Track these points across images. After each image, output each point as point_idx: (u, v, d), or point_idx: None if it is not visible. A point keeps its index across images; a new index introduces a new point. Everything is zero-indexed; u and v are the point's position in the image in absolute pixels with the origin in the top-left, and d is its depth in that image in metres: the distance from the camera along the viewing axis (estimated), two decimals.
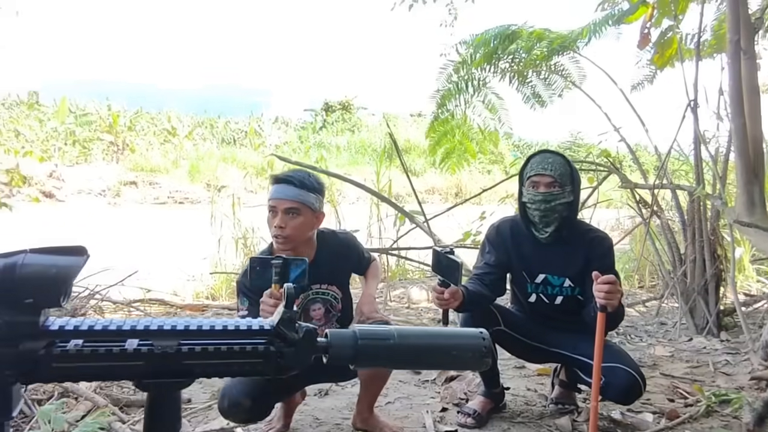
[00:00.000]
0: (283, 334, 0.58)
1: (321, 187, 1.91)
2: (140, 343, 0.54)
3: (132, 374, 0.55)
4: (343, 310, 2.03)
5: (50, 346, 0.51)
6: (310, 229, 1.89)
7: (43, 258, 0.50)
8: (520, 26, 4.46)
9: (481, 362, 0.65)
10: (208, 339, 0.56)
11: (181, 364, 0.55)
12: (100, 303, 3.88)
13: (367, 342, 0.61)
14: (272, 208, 1.84)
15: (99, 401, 2.14)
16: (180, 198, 16.83)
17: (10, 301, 0.49)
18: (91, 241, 2.34)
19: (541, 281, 2.13)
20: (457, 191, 18.41)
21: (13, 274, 0.48)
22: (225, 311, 4.30)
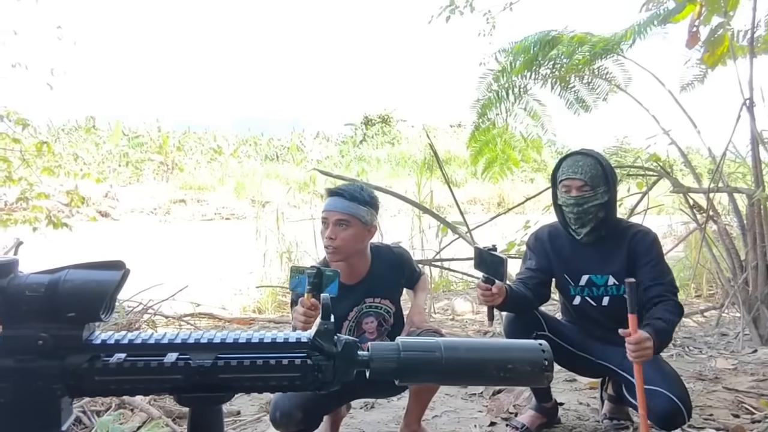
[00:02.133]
0: (320, 346, 0.56)
1: (373, 201, 1.93)
2: (179, 357, 0.54)
3: (171, 388, 0.54)
4: (394, 325, 2.03)
5: (94, 359, 0.52)
6: (360, 242, 1.90)
7: (83, 273, 0.52)
8: (560, 31, 4.38)
9: (541, 377, 0.59)
10: (244, 352, 0.55)
11: (218, 378, 0.54)
12: (153, 317, 4.01)
13: (411, 355, 0.58)
14: (324, 219, 1.89)
15: (153, 413, 2.21)
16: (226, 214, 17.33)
17: (55, 315, 0.50)
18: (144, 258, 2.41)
19: (585, 282, 2.07)
20: (500, 201, 18.17)
21: (56, 290, 0.50)
22: (271, 324, 4.37)
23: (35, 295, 0.49)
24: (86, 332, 0.52)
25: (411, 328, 1.97)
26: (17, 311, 0.49)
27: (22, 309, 0.49)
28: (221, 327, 4.28)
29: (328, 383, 0.56)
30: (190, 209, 17.73)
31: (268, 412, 1.95)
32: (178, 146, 22.01)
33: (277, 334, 0.57)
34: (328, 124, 27.35)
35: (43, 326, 0.50)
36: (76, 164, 16.28)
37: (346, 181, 4.67)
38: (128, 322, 3.56)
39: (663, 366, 1.96)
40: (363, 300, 1.96)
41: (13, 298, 0.49)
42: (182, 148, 22.23)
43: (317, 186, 9.76)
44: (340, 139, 27.05)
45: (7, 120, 4.52)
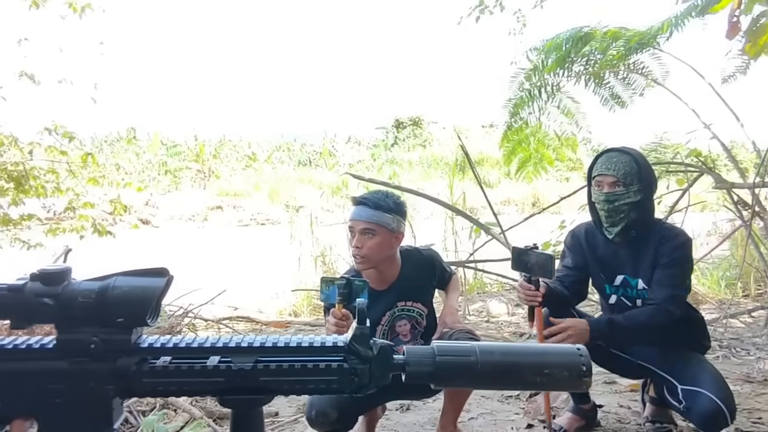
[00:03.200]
0: (356, 350, 0.57)
1: (399, 208, 1.93)
2: (221, 360, 0.55)
3: (213, 390, 0.56)
4: (427, 327, 2.04)
5: (142, 362, 0.55)
6: (387, 249, 1.91)
7: (130, 280, 0.54)
8: (593, 27, 4.30)
9: (579, 383, 0.58)
10: (282, 356, 0.56)
11: (258, 380, 0.55)
12: (193, 321, 4.12)
13: (446, 359, 0.58)
14: (350, 228, 1.90)
15: (195, 413, 2.28)
16: (261, 219, 17.64)
17: (105, 320, 0.53)
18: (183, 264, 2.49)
19: (620, 283, 2.02)
20: (534, 201, 17.90)
21: (105, 296, 0.53)
22: (307, 327, 4.43)
23: (87, 302, 0.52)
24: (134, 336, 0.55)
25: (444, 329, 1.97)
26: (71, 316, 0.52)
27: (75, 314, 0.52)
28: (258, 330, 4.36)
29: (364, 387, 0.57)
30: (226, 215, 18.14)
31: (305, 412, 1.98)
32: (214, 154, 22.58)
33: (314, 338, 0.59)
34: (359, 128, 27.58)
35: (95, 331, 0.53)
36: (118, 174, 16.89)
37: (378, 185, 4.70)
38: (170, 326, 3.68)
39: (705, 367, 1.91)
40: (395, 304, 1.97)
41: (66, 304, 0.52)
42: (218, 156, 22.78)
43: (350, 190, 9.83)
44: (372, 142, 27.18)
45: (55, 133, 4.74)
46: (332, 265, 5.80)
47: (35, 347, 0.54)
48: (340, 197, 15.07)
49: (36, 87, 4.59)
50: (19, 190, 4.49)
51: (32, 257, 4.40)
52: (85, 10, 4.48)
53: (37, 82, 4.50)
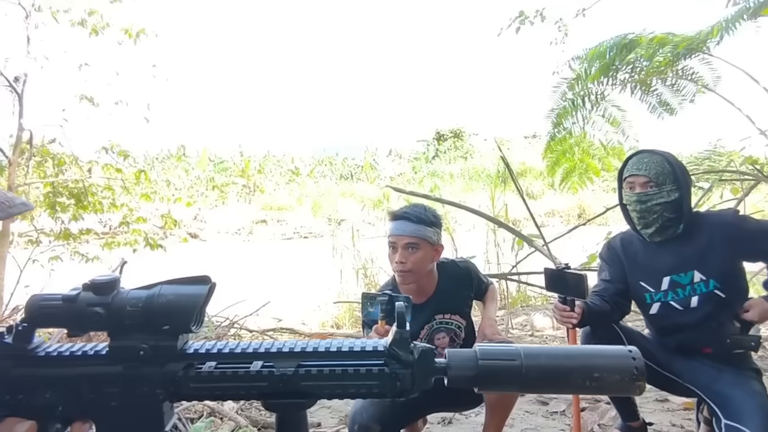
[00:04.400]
0: (396, 355, 0.56)
1: (438, 220, 1.95)
2: (263, 365, 0.57)
3: (257, 395, 0.57)
4: (466, 339, 2.02)
5: (188, 367, 0.57)
6: (429, 262, 1.92)
7: (174, 288, 0.57)
8: (638, 34, 4.20)
9: (631, 387, 0.55)
10: (324, 360, 0.57)
11: (299, 385, 0.56)
12: (239, 331, 4.22)
13: (490, 362, 0.56)
14: (392, 244, 1.90)
15: (241, 421, 2.33)
16: (304, 233, 17.91)
17: (152, 327, 0.55)
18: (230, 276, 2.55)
19: (668, 285, 1.91)
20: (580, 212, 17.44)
21: (152, 304, 0.55)
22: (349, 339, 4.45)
23: (135, 310, 0.55)
24: (180, 342, 0.57)
25: (483, 341, 1.95)
26: (121, 324, 0.55)
27: (125, 322, 0.55)
28: None
29: (406, 391, 0.57)
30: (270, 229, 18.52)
31: (347, 425, 1.99)
32: (259, 169, 23.17)
33: (354, 342, 0.59)
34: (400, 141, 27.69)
35: (143, 337, 0.55)
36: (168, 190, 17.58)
37: (419, 198, 4.70)
38: (217, 336, 3.78)
39: (755, 399, 1.72)
40: (433, 317, 1.96)
41: (116, 313, 0.55)
42: (263, 171, 23.37)
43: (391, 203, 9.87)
44: (413, 155, 27.24)
45: (111, 152, 5.00)
46: (373, 278, 5.82)
47: (90, 354, 0.58)
48: (381, 210, 15.14)
49: (95, 109, 4.86)
50: (78, 206, 4.75)
51: (90, 270, 4.63)
52: (139, 35, 4.72)
53: (95, 105, 4.76)
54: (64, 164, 4.92)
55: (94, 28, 4.54)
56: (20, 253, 4.61)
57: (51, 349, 0.58)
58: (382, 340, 0.59)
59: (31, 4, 4.38)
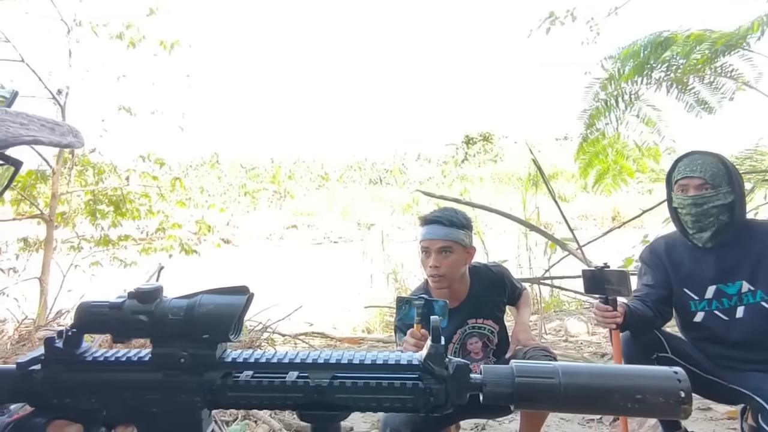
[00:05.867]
0: (431, 369, 0.56)
1: (469, 223, 1.94)
2: (299, 376, 0.57)
3: (292, 405, 0.57)
4: (499, 344, 2.00)
5: (226, 376, 0.57)
6: (463, 266, 1.91)
7: (214, 298, 0.57)
8: (673, 31, 4.09)
9: (677, 410, 0.53)
10: (358, 373, 0.57)
11: (334, 397, 0.56)
12: (272, 335, 4.28)
13: (527, 380, 0.55)
14: (425, 248, 1.89)
15: (275, 425, 2.35)
16: (334, 237, 18.04)
17: (192, 336, 0.56)
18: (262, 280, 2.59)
19: (713, 294, 1.85)
20: (614, 215, 17.06)
21: (192, 313, 0.56)
22: (380, 344, 4.45)
23: (176, 318, 0.56)
24: (219, 351, 0.58)
25: (517, 347, 1.92)
26: (163, 332, 0.56)
27: (166, 330, 0.56)
28: (333, 346, 4.45)
29: (440, 407, 0.56)
30: (301, 234, 18.73)
31: (379, 430, 1.99)
32: (289, 175, 23.48)
33: (389, 355, 0.59)
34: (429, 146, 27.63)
35: (184, 345, 0.56)
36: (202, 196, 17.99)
37: (449, 201, 4.68)
38: (251, 340, 3.84)
39: None
40: (466, 322, 1.95)
41: (159, 320, 0.56)
42: (293, 177, 23.66)
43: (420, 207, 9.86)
44: (442, 159, 27.15)
45: (148, 160, 5.14)
46: (403, 282, 5.82)
47: (134, 360, 0.59)
48: (411, 214, 15.13)
49: (132, 118, 5.01)
50: (117, 213, 4.90)
51: (129, 275, 4.77)
52: (173, 46, 4.85)
53: (133, 115, 4.91)
54: (103, 173, 5.09)
55: (132, 41, 4.68)
56: (63, 259, 4.78)
57: (97, 354, 0.60)
58: (417, 354, 0.58)
59: (72, 19, 4.56)
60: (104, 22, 4.65)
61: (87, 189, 4.98)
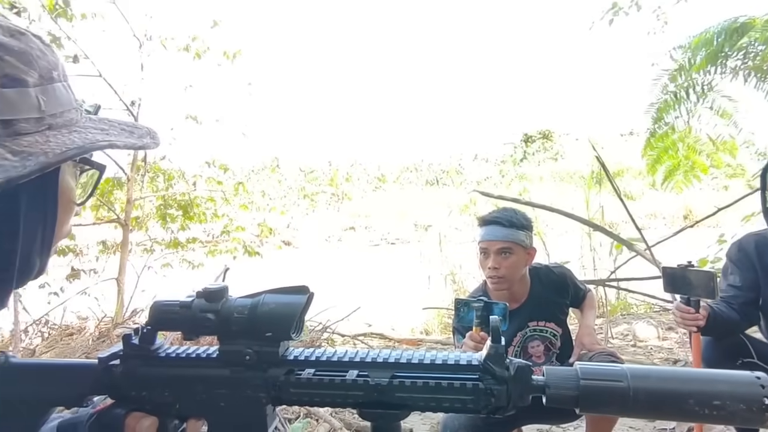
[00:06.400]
0: (491, 370, 0.55)
1: (529, 224, 1.89)
2: (359, 374, 0.58)
3: (352, 403, 0.58)
4: (562, 347, 1.94)
5: (289, 373, 0.59)
6: (523, 267, 1.87)
7: (276, 297, 0.59)
8: (750, 16, 3.83)
9: (759, 418, 0.49)
10: (417, 372, 0.57)
11: (394, 396, 0.56)
12: (331, 336, 4.35)
13: (592, 383, 0.53)
14: (484, 250, 1.86)
15: (335, 424, 2.39)
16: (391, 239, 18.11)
17: (256, 334, 0.58)
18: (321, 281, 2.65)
19: None
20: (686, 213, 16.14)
21: (256, 312, 0.58)
22: (438, 345, 4.42)
23: (241, 317, 0.58)
24: (281, 349, 0.60)
25: (581, 351, 1.85)
26: (229, 330, 0.59)
27: (232, 328, 0.59)
28: (392, 347, 4.47)
29: (501, 408, 0.55)
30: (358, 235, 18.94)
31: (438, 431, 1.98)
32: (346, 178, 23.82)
33: (448, 355, 0.58)
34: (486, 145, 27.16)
35: (248, 343, 0.59)
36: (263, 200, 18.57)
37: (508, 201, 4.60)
38: (311, 340, 3.92)
39: None
40: (526, 324, 1.90)
41: (225, 319, 0.58)
42: (350, 179, 23.99)
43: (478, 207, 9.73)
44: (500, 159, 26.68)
45: (213, 166, 5.37)
46: (462, 284, 5.75)
47: (203, 356, 0.62)
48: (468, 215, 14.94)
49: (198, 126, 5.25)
50: (185, 217, 5.15)
51: (196, 275, 4.99)
52: (236, 56, 5.05)
53: (199, 123, 5.14)
54: (173, 179, 5.36)
55: (197, 52, 4.91)
56: (137, 261, 5.08)
57: (170, 350, 0.63)
58: (477, 355, 0.58)
59: (143, 34, 4.83)
60: (172, 36, 4.90)
61: (158, 194, 5.27)
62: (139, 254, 5.33)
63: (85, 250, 4.99)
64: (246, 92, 5.46)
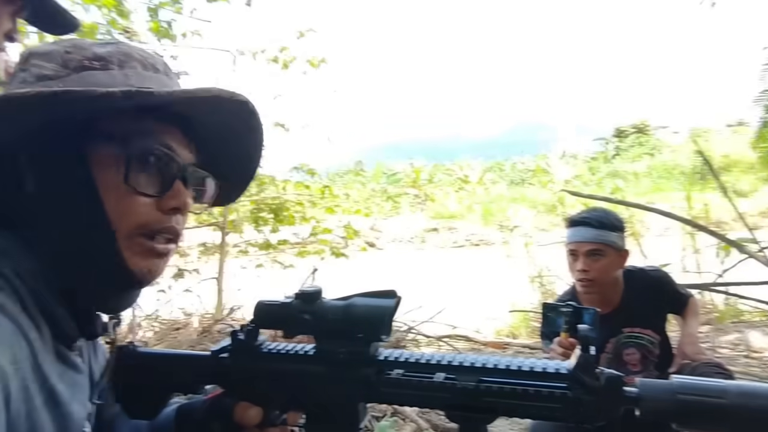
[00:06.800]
0: (581, 379, 0.54)
1: (621, 224, 1.81)
2: (446, 377, 0.59)
3: (439, 405, 0.60)
4: (661, 356, 1.83)
5: (379, 373, 0.62)
6: (615, 270, 1.79)
7: (367, 300, 0.62)
8: None
9: None
10: (504, 377, 0.57)
11: (481, 400, 0.57)
12: (416, 336, 4.38)
13: (690, 398, 0.50)
14: (572, 251, 1.80)
15: (422, 424, 2.42)
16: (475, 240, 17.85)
17: (349, 334, 0.62)
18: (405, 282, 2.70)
19: None
20: None
21: (349, 314, 0.62)
22: (526, 350, 4.31)
23: (335, 318, 0.62)
24: (372, 349, 0.63)
25: (683, 361, 1.73)
26: (324, 329, 0.63)
27: (327, 328, 0.63)
28: (477, 349, 4.42)
29: (591, 418, 0.55)
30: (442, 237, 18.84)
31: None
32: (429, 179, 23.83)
33: (535, 362, 0.59)
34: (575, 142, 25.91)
35: (342, 343, 0.63)
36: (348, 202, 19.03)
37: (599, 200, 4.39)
38: (396, 340, 3.98)
39: None
40: (620, 330, 1.81)
41: (320, 319, 0.63)
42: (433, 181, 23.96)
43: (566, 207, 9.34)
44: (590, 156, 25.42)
45: (301, 170, 5.61)
46: (550, 286, 5.56)
47: (301, 353, 0.67)
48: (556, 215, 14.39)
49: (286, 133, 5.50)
50: (276, 220, 5.41)
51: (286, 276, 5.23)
52: (321, 64, 5.24)
53: (286, 130, 5.39)
54: (264, 184, 5.65)
55: (285, 62, 5.15)
56: (234, 261, 5.42)
57: (271, 346, 0.69)
58: (565, 363, 0.57)
59: (236, 49, 5.16)
60: (262, 49, 5.18)
61: (251, 199, 5.58)
62: (234, 255, 5.67)
63: (188, 252, 5.39)
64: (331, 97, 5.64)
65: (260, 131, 0.74)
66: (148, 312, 4.61)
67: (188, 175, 0.67)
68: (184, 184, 0.66)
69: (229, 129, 0.70)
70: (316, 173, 5.79)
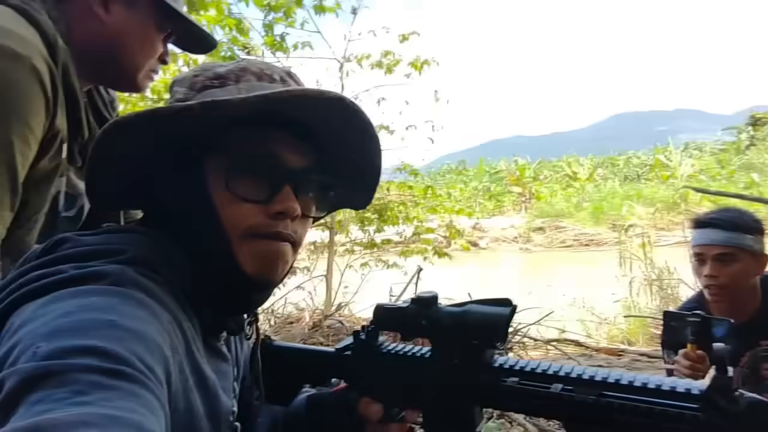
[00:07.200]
0: (716, 402, 0.51)
1: (758, 225, 1.63)
2: (563, 389, 0.58)
3: (555, 415, 0.61)
4: None
5: (494, 379, 0.63)
6: (750, 276, 1.62)
7: (482, 308, 0.63)
8: None
9: None
10: (627, 393, 0.55)
11: (601, 414, 0.56)
12: (523, 339, 4.28)
13: None
14: (698, 255, 1.66)
15: (530, 428, 2.37)
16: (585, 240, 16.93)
17: (464, 341, 0.64)
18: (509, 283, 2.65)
19: None
20: None
21: (464, 320, 0.63)
22: (643, 358, 4.04)
23: (450, 324, 0.64)
24: (487, 356, 0.64)
25: None
26: (439, 334, 0.66)
27: (442, 333, 0.65)
28: (588, 355, 4.21)
29: None
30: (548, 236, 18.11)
31: None
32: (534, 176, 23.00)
33: (663, 380, 0.56)
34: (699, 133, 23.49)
35: (456, 348, 0.65)
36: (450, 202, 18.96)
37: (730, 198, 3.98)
38: None
39: None
40: (757, 343, 1.64)
41: (436, 324, 0.65)
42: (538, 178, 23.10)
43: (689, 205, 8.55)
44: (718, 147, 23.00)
45: (404, 171, 5.70)
46: (670, 291, 5.14)
47: (418, 355, 0.70)
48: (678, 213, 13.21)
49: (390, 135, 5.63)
50: (380, 220, 5.55)
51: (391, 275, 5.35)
52: (423, 66, 5.29)
53: (391, 132, 5.51)
54: None
55: (388, 67, 5.27)
56: (340, 260, 5.65)
57: (390, 347, 0.73)
58: (698, 383, 0.54)
59: (342, 56, 5.37)
60: (366, 55, 5.35)
61: None
62: (341, 254, 5.91)
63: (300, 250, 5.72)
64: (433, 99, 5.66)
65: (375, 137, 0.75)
66: (264, 306, 4.97)
67: (298, 181, 0.68)
68: (294, 189, 0.67)
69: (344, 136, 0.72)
70: (419, 174, 5.85)
